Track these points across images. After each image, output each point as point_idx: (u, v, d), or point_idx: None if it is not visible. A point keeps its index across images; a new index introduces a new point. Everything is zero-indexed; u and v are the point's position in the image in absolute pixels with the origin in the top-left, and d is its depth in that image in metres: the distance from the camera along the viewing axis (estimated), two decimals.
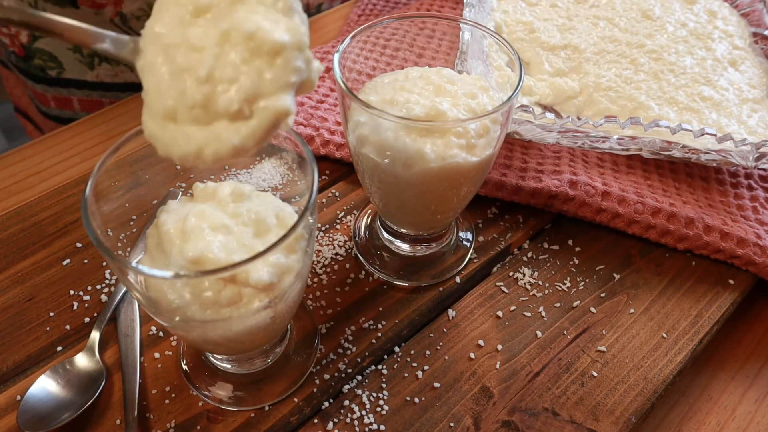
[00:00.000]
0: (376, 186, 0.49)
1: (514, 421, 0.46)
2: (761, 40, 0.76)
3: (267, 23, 0.28)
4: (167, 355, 0.49)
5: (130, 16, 0.79)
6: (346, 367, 0.49)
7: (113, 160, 0.37)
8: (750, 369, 0.54)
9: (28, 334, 0.50)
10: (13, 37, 0.83)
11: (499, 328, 0.52)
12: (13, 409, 0.45)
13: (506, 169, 0.62)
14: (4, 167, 0.64)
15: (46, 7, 0.78)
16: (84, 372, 0.46)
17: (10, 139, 1.85)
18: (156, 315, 0.38)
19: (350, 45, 0.48)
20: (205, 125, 0.29)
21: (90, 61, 0.84)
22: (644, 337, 0.52)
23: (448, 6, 0.87)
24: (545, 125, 0.58)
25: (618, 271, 0.57)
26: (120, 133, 0.68)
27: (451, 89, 0.46)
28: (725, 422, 0.50)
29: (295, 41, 0.29)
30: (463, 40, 0.58)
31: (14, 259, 0.55)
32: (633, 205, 0.58)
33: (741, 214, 0.61)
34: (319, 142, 0.64)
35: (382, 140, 0.44)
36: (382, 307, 0.53)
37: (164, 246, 0.36)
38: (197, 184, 0.40)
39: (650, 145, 0.58)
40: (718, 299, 0.55)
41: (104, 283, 0.53)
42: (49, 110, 0.90)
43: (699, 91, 0.67)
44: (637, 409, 0.47)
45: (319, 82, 0.73)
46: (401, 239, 0.57)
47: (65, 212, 0.58)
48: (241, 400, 0.46)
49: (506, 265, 0.57)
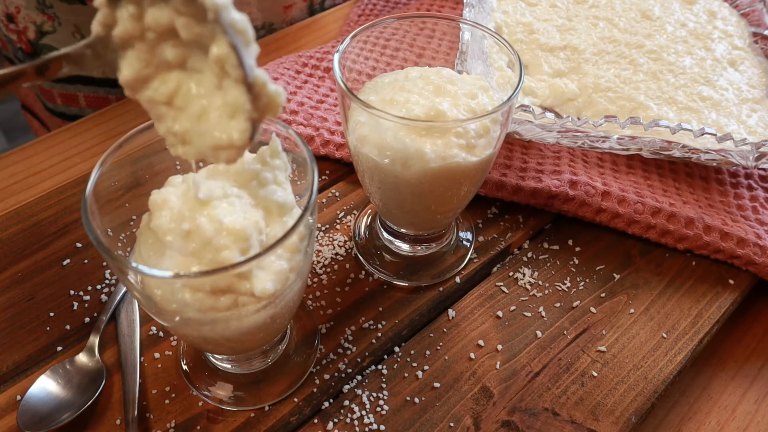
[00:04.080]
0: (376, 186, 0.49)
1: (514, 421, 0.46)
2: (761, 40, 0.76)
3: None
4: (167, 355, 0.49)
5: None
6: (346, 367, 0.49)
7: (113, 159, 0.37)
8: (750, 369, 0.54)
9: (28, 334, 0.50)
10: (20, 33, 0.83)
11: (499, 328, 0.52)
12: (13, 409, 0.45)
13: (506, 169, 0.62)
14: (4, 167, 0.64)
15: (54, 5, 0.78)
16: (84, 372, 0.46)
17: (10, 139, 1.85)
18: (156, 315, 0.38)
19: (350, 45, 0.48)
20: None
21: None
22: (644, 337, 0.52)
23: (448, 6, 0.87)
24: (545, 125, 0.58)
25: (618, 271, 0.57)
26: (120, 133, 0.68)
27: (451, 89, 0.46)
28: (725, 422, 0.50)
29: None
30: (463, 41, 0.58)
31: (14, 259, 0.55)
32: (633, 205, 0.58)
33: (741, 214, 0.61)
34: (319, 142, 0.64)
35: (382, 140, 0.44)
36: (382, 307, 0.53)
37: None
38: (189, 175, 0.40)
39: (650, 144, 0.58)
40: (718, 299, 0.55)
41: (104, 283, 0.53)
42: (56, 107, 0.90)
43: (698, 91, 0.67)
44: (637, 409, 0.47)
45: (319, 82, 0.73)
46: (401, 239, 0.57)
47: (65, 212, 0.58)
48: (241, 400, 0.46)
49: (506, 265, 0.57)
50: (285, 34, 0.84)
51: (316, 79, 0.73)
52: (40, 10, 0.79)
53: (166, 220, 0.35)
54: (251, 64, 0.28)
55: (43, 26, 0.81)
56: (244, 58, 0.28)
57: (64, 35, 0.82)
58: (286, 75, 0.72)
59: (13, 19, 0.82)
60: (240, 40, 0.28)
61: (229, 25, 0.27)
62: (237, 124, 0.29)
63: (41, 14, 0.80)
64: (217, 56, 0.28)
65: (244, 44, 0.28)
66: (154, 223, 0.36)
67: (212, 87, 0.30)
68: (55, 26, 0.81)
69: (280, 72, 0.72)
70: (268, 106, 0.30)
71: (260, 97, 0.29)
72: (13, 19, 0.82)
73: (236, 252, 0.34)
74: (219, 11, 0.27)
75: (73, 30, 0.81)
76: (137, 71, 0.30)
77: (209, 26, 0.28)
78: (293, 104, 0.68)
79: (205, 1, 0.27)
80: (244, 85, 0.28)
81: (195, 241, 0.35)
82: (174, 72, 0.30)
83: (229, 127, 0.30)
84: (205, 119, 0.30)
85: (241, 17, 0.28)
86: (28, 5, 0.79)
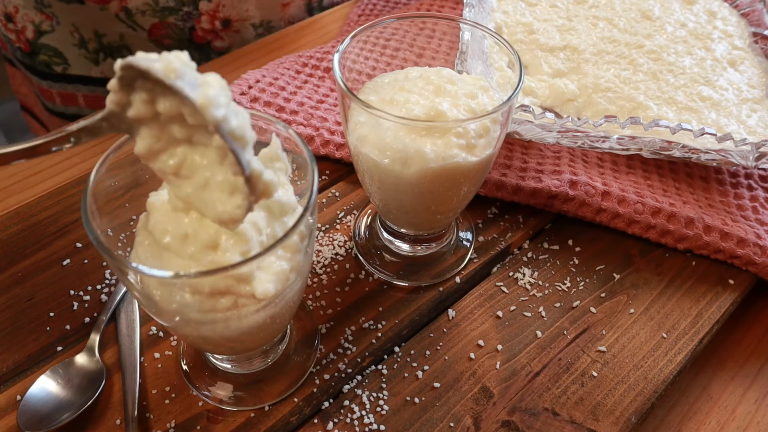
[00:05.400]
0: (376, 186, 0.49)
1: (514, 421, 0.46)
2: (761, 40, 0.76)
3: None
4: (167, 355, 0.49)
5: (135, 11, 0.79)
6: (346, 367, 0.49)
7: (113, 159, 0.37)
8: (750, 369, 0.54)
9: (28, 334, 0.50)
10: (18, 33, 0.83)
11: (499, 328, 0.52)
12: (13, 409, 0.45)
13: (506, 169, 0.62)
14: (4, 167, 0.64)
15: (53, 4, 0.78)
16: (84, 372, 0.46)
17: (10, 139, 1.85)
18: (156, 315, 0.38)
19: (350, 45, 0.48)
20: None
21: (95, 57, 0.84)
22: (644, 337, 0.52)
23: (448, 6, 0.87)
24: (545, 125, 0.58)
25: (618, 271, 0.57)
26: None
27: (451, 89, 0.46)
28: (725, 422, 0.50)
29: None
30: (463, 41, 0.58)
31: (14, 259, 0.55)
32: (633, 205, 0.58)
33: (741, 214, 0.61)
34: (319, 142, 0.64)
35: (381, 140, 0.44)
36: (382, 307, 0.53)
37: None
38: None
39: (650, 144, 0.58)
40: (718, 299, 0.55)
41: (104, 283, 0.53)
42: (55, 107, 0.90)
43: (698, 91, 0.67)
44: (637, 409, 0.47)
45: (319, 82, 0.73)
46: (401, 239, 0.57)
47: (65, 212, 0.58)
48: (241, 400, 0.46)
49: (506, 265, 0.57)
50: (285, 34, 0.84)
51: (316, 79, 0.73)
52: (39, 10, 0.79)
53: (164, 223, 0.35)
54: (248, 160, 0.31)
55: (42, 25, 0.81)
56: (241, 157, 0.31)
57: (62, 34, 0.82)
58: (286, 75, 0.72)
59: (12, 18, 0.82)
60: (238, 145, 0.31)
61: (227, 134, 0.30)
62: (235, 200, 0.32)
63: (40, 13, 0.80)
64: (218, 146, 0.31)
65: (241, 147, 0.31)
66: (152, 225, 0.36)
67: (215, 161, 0.33)
68: (54, 25, 0.81)
69: (280, 72, 0.72)
70: (263, 192, 0.33)
71: (257, 184, 0.32)
72: (11, 19, 0.82)
73: (236, 255, 0.34)
74: (218, 124, 0.30)
75: (72, 29, 0.81)
76: (149, 146, 0.33)
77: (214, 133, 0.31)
78: (293, 104, 0.68)
79: (206, 116, 0.29)
80: (242, 177, 0.31)
81: (194, 245, 0.35)
82: (181, 147, 0.33)
83: (228, 202, 0.33)
84: (209, 190, 0.33)
85: (238, 124, 0.31)
86: (26, 4, 0.79)
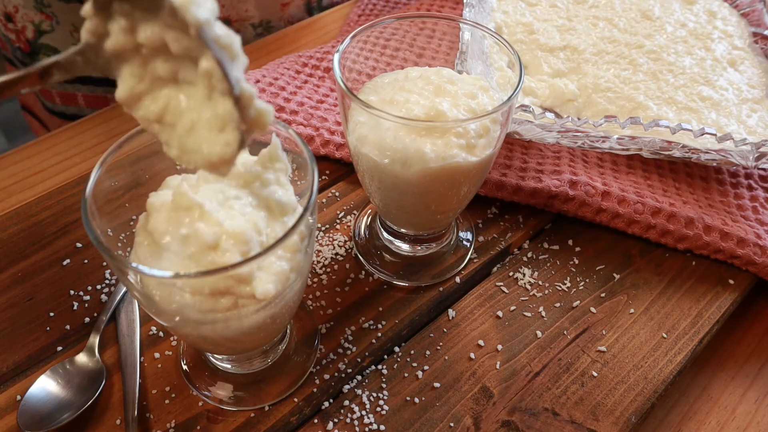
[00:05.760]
0: (376, 186, 0.49)
1: (514, 421, 0.46)
2: (761, 40, 0.76)
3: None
4: (167, 355, 0.49)
5: None
6: (346, 367, 0.49)
7: (113, 159, 0.37)
8: (750, 369, 0.54)
9: (28, 334, 0.50)
10: (18, 32, 0.83)
11: (499, 328, 0.52)
12: (13, 409, 0.45)
13: (506, 169, 0.62)
14: (4, 167, 0.64)
15: (52, 4, 0.78)
16: (84, 372, 0.46)
17: (10, 139, 1.85)
18: (156, 315, 0.38)
19: (350, 45, 0.48)
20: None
21: None
22: (644, 337, 0.52)
23: (448, 6, 0.87)
24: (545, 125, 0.58)
25: (618, 271, 0.57)
26: (120, 132, 0.68)
27: (451, 89, 0.46)
28: (725, 422, 0.50)
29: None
30: (463, 41, 0.58)
31: (14, 259, 0.55)
32: (633, 205, 0.58)
33: (741, 214, 0.61)
34: (319, 142, 0.64)
35: (381, 140, 0.44)
36: (382, 307, 0.53)
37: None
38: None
39: (650, 144, 0.58)
40: (718, 299, 0.55)
41: (104, 283, 0.53)
42: (54, 106, 0.90)
43: (698, 91, 0.67)
44: (637, 409, 0.47)
45: (319, 82, 0.73)
46: (401, 239, 0.57)
47: (65, 212, 0.58)
48: (241, 400, 0.46)
49: (506, 265, 0.57)
50: (284, 35, 0.84)
51: (316, 79, 0.73)
52: (39, 10, 0.79)
53: (164, 224, 0.35)
54: (238, 77, 0.29)
55: (42, 25, 0.81)
56: (229, 72, 0.28)
57: (62, 34, 0.82)
58: (286, 75, 0.72)
59: (12, 18, 0.82)
60: (225, 55, 0.28)
61: (212, 41, 0.27)
62: (226, 136, 0.30)
63: (39, 13, 0.80)
64: (205, 70, 0.28)
65: (229, 58, 0.28)
66: (152, 225, 0.36)
67: (203, 98, 0.30)
68: (53, 25, 0.81)
69: (280, 72, 0.72)
70: (256, 121, 0.30)
71: (248, 109, 0.29)
72: (11, 19, 0.82)
73: (236, 255, 0.34)
74: (200, 27, 0.27)
75: (71, 29, 0.81)
76: (131, 88, 0.31)
77: (197, 40, 0.28)
78: (293, 104, 0.68)
79: (187, 17, 0.26)
80: (231, 97, 0.28)
81: (193, 245, 0.35)
82: (165, 89, 0.31)
83: (218, 140, 0.30)
84: (195, 134, 0.30)
85: (225, 32, 0.28)
86: (26, 4, 0.79)
